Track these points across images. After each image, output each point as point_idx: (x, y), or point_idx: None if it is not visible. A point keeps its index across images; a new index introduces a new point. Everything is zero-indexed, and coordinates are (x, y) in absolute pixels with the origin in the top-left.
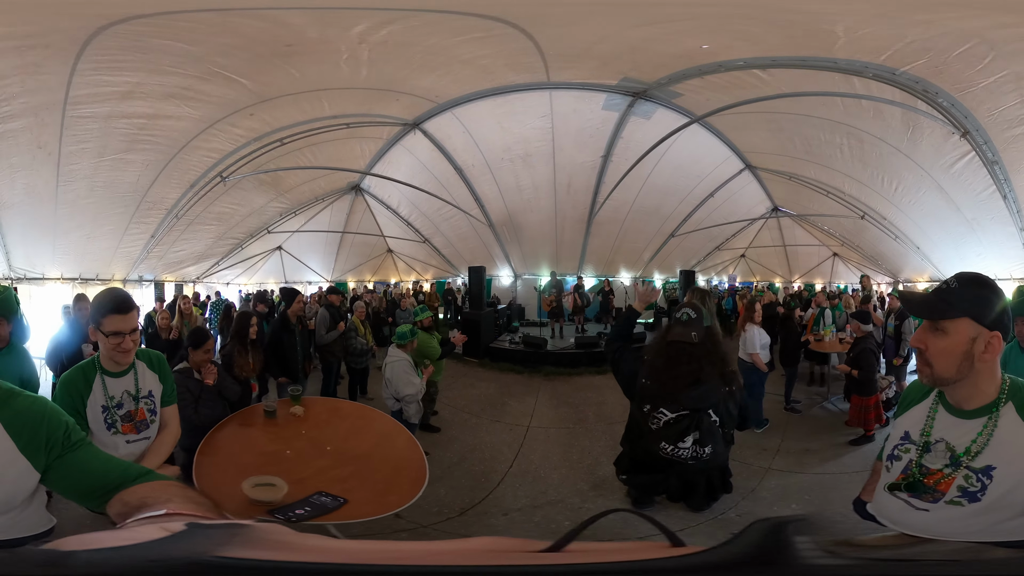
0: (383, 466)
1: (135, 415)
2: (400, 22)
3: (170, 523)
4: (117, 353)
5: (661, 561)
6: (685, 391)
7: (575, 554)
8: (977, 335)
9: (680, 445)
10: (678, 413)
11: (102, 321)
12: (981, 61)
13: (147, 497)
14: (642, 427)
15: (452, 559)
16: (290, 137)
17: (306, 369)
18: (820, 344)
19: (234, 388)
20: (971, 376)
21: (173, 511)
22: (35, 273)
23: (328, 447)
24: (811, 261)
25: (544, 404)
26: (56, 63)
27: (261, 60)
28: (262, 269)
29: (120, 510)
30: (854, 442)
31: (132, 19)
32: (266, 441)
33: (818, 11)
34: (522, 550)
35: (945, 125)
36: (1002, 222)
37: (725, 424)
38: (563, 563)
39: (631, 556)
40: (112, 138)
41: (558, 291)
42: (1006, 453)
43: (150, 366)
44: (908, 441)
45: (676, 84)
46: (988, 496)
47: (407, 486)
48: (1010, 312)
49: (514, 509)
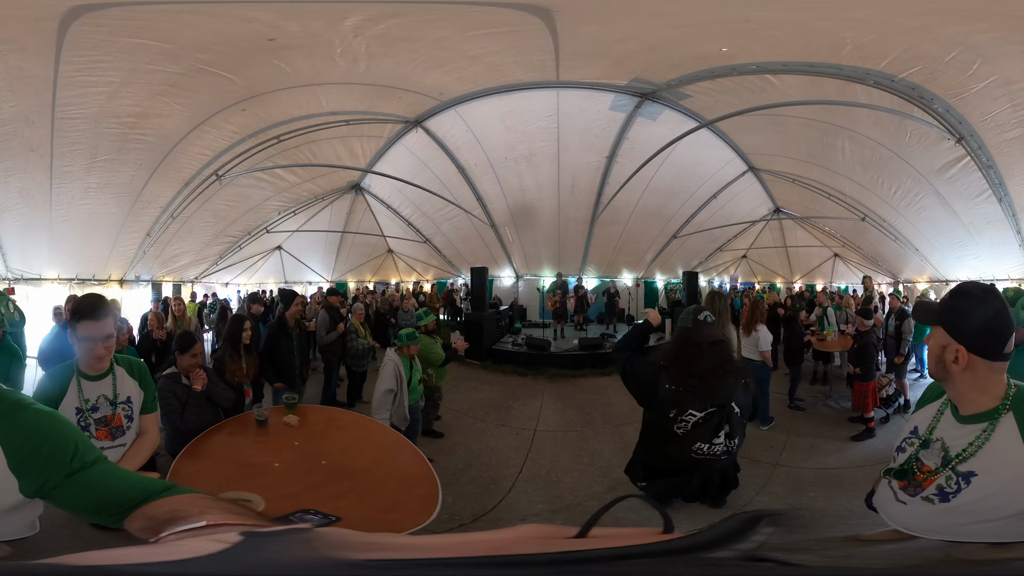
0: (386, 482)
1: (111, 420)
2: (405, 16)
3: (220, 534)
4: (90, 358)
5: (650, 546)
6: (719, 386)
7: (597, 539)
8: (947, 344)
9: (715, 442)
10: (707, 412)
11: (76, 326)
12: (970, 67)
13: (178, 510)
14: (665, 433)
15: (512, 547)
16: (287, 134)
17: (303, 374)
18: (823, 344)
19: (226, 395)
20: (951, 382)
21: (214, 522)
22: (32, 274)
23: (323, 461)
24: (812, 262)
25: (550, 407)
26: (38, 66)
27: (244, 55)
28: (262, 269)
29: (146, 524)
30: (855, 437)
31: (84, 12)
32: (254, 452)
33: (832, 18)
34: (558, 536)
35: (940, 131)
36: (998, 225)
37: (743, 415)
38: (586, 548)
39: (629, 541)
40: (103, 138)
41: (563, 292)
42: (992, 463)
43: (130, 372)
44: (915, 436)
45: (686, 86)
46: (958, 499)
47: (414, 504)
48: (996, 331)
49: (531, 514)
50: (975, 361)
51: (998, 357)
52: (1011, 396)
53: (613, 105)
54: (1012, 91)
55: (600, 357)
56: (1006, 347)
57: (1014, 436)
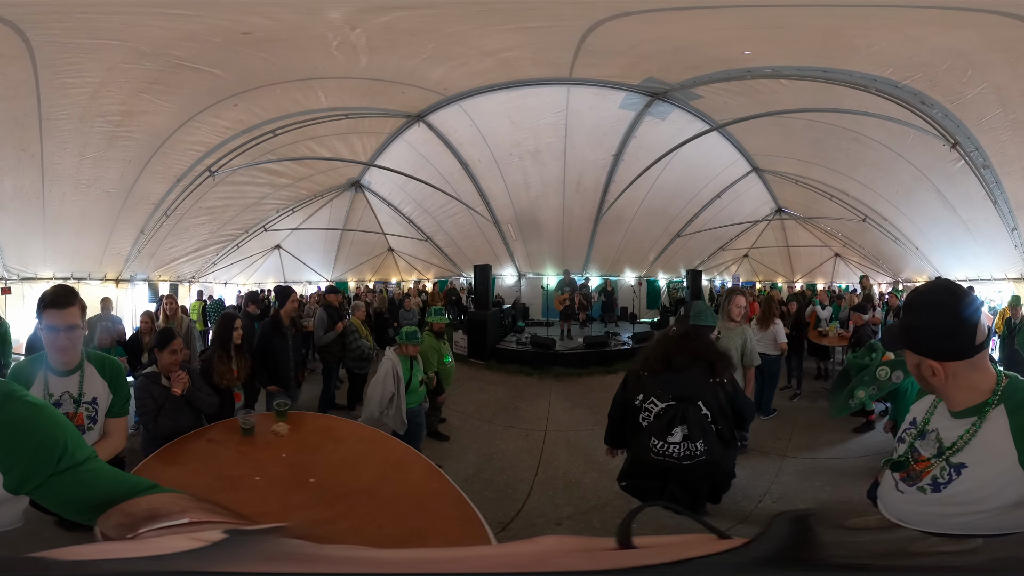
0: (394, 504)
1: (72, 419)
2: (409, 9)
3: (201, 532)
4: (52, 349)
5: (727, 555)
6: (681, 376)
7: (650, 551)
8: (919, 362)
9: (669, 440)
10: (667, 403)
11: (41, 315)
12: (965, 74)
13: (158, 508)
14: (636, 424)
15: (530, 563)
16: (283, 129)
17: (298, 377)
18: (823, 339)
19: (208, 400)
20: (939, 391)
21: (197, 519)
22: (28, 273)
23: (312, 479)
24: (813, 261)
25: (558, 407)
26: (17, 69)
27: (223, 50)
28: (261, 268)
29: (121, 521)
30: (857, 430)
31: (30, 19)
32: (234, 463)
33: (859, 25)
34: (594, 548)
35: (937, 138)
36: (995, 224)
37: (716, 420)
38: (655, 562)
39: (695, 551)
40: (91, 136)
41: (571, 290)
42: (981, 455)
43: (100, 372)
44: (914, 426)
45: (699, 87)
46: (948, 490)
47: (451, 528)
48: (957, 333)
49: (564, 517)
50: (952, 367)
51: (972, 352)
52: (1001, 389)
53: (623, 104)
54: (1003, 97)
55: (605, 355)
56: (976, 339)
57: (1003, 429)
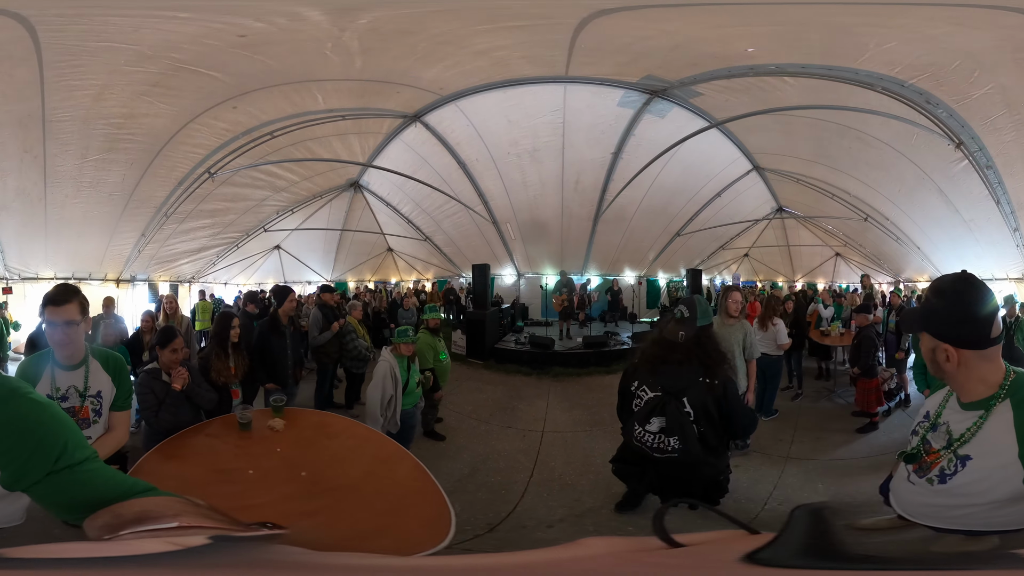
0: (374, 501)
1: (78, 412)
2: (406, 7)
3: (183, 537)
4: (53, 344)
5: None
6: (672, 369)
7: (700, 548)
8: (935, 346)
9: (647, 428)
10: (654, 393)
11: (43, 311)
12: (972, 74)
13: (150, 511)
14: (630, 408)
15: (581, 567)
16: (281, 130)
17: (296, 375)
18: (825, 338)
19: (207, 396)
20: (950, 378)
21: (187, 524)
22: (29, 273)
23: (303, 472)
24: (814, 260)
25: (556, 407)
26: (25, 71)
27: (220, 52)
28: (261, 268)
29: (108, 522)
30: (860, 430)
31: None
32: (230, 456)
33: (873, 24)
34: (643, 548)
35: (942, 137)
36: (997, 223)
37: (699, 421)
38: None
39: (740, 547)
40: (93, 139)
41: (569, 290)
42: (985, 447)
43: (104, 366)
44: (926, 420)
45: (699, 84)
46: (953, 481)
47: (417, 528)
48: (976, 321)
49: (557, 520)
50: (966, 355)
51: (986, 344)
52: (1008, 383)
53: (622, 102)
54: (1009, 98)
55: (604, 355)
56: (992, 332)
57: (1007, 423)
